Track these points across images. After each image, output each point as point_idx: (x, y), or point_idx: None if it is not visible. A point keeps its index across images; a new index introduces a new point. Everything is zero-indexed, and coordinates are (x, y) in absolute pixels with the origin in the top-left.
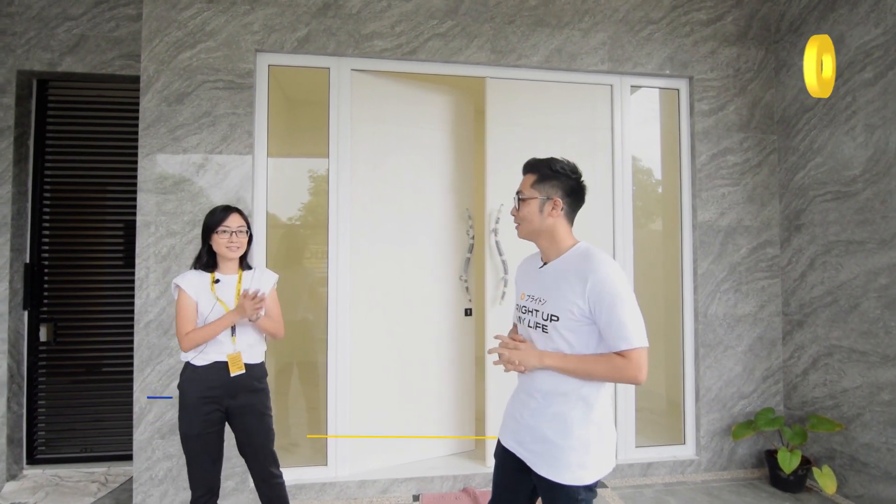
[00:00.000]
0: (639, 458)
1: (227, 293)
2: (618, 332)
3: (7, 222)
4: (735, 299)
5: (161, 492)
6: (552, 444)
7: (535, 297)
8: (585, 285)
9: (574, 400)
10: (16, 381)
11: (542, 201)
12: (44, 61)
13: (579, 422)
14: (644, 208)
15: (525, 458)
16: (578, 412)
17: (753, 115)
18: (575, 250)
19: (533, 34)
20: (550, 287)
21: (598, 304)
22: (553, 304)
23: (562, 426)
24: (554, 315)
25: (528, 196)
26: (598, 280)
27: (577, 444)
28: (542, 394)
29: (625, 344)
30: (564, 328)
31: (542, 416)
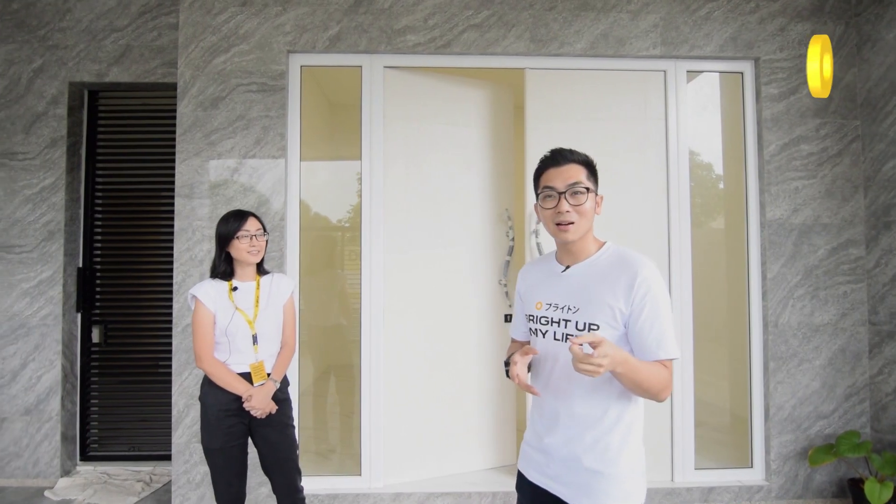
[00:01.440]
0: (699, 481)
1: (246, 301)
2: (660, 339)
3: (61, 228)
4: (812, 307)
5: (198, 495)
6: (595, 474)
7: (559, 306)
8: (632, 285)
9: (614, 422)
10: (69, 380)
11: (594, 197)
12: (93, 72)
13: (620, 446)
14: (704, 206)
15: (561, 493)
16: (618, 436)
17: (832, 99)
18: (607, 250)
19: (576, 20)
20: (582, 292)
21: (641, 305)
22: (589, 310)
23: (603, 453)
24: (593, 324)
25: (591, 188)
26: (645, 279)
27: (623, 472)
28: (575, 419)
29: (665, 352)
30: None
31: (578, 444)
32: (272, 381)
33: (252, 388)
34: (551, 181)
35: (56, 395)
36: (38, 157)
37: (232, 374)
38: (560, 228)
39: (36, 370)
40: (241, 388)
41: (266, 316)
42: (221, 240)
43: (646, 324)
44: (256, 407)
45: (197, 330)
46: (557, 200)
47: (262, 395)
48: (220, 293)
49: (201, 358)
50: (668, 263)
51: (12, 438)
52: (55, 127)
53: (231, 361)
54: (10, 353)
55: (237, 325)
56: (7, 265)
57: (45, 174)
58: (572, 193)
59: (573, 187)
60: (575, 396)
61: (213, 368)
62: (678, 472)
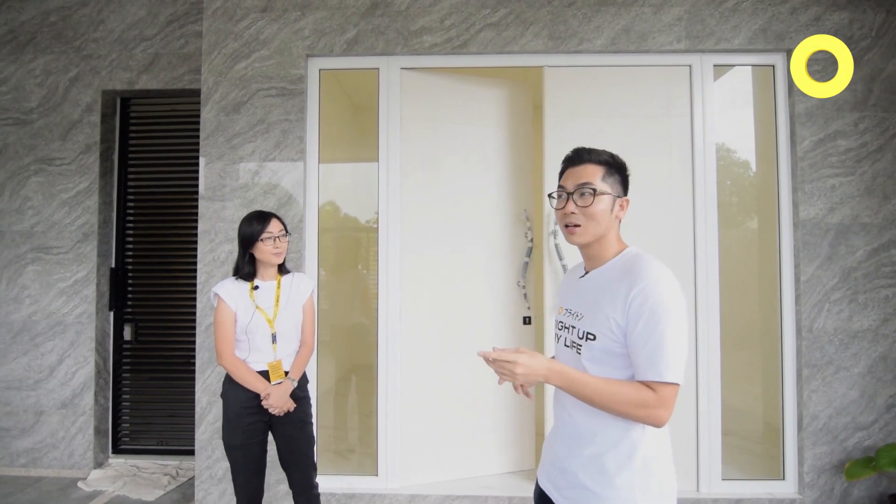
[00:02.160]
0: (726, 492)
1: (267, 300)
2: (652, 356)
3: (94, 230)
4: (850, 311)
5: (220, 490)
6: (589, 492)
7: (572, 312)
8: (628, 293)
9: (613, 441)
10: (102, 376)
11: (613, 199)
12: (124, 80)
13: (619, 467)
14: (733, 206)
15: (559, 501)
16: (616, 456)
17: (872, 91)
18: (623, 256)
19: (596, 15)
20: (589, 300)
21: (637, 317)
22: (590, 319)
23: (598, 472)
24: (590, 333)
25: (602, 191)
26: (643, 288)
27: (620, 496)
28: (575, 431)
29: (653, 374)
30: (601, 348)
31: (577, 457)
32: (290, 379)
33: (270, 387)
34: (565, 181)
35: (90, 390)
36: (74, 163)
37: (251, 372)
38: (567, 230)
39: (71, 366)
40: (259, 385)
41: (285, 315)
42: (245, 241)
43: (639, 339)
44: (274, 405)
45: (218, 328)
46: (566, 201)
47: (279, 393)
48: (242, 292)
49: (222, 355)
50: (694, 266)
51: (49, 431)
52: (89, 133)
53: (250, 359)
54: (48, 350)
55: (257, 323)
56: (45, 265)
57: (80, 179)
58: (580, 195)
59: (581, 188)
60: (577, 408)
61: (232, 366)
62: (704, 482)
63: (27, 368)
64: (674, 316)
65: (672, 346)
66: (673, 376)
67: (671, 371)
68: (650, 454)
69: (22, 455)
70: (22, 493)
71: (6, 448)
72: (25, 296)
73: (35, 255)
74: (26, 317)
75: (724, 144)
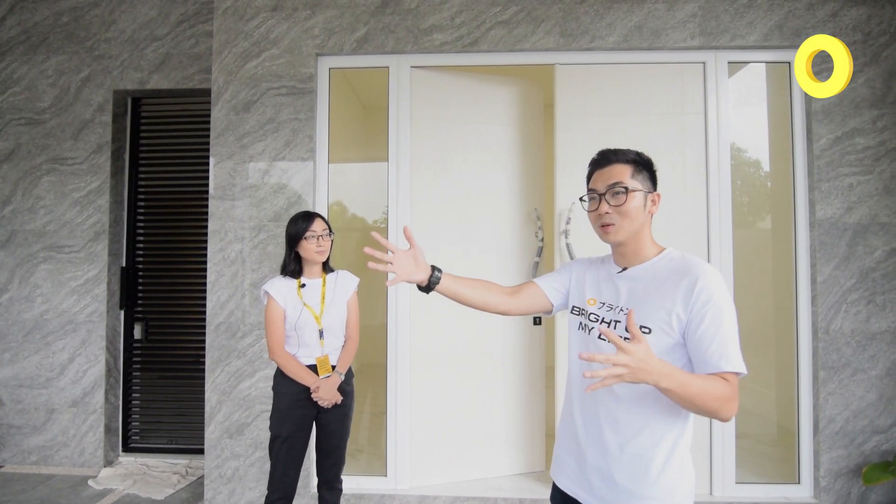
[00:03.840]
0: (740, 496)
1: (313, 297)
2: (722, 349)
3: (105, 230)
4: (868, 312)
5: (229, 490)
6: (630, 493)
7: (613, 306)
8: (692, 290)
9: (657, 437)
10: (113, 374)
11: (645, 195)
12: (135, 80)
13: (662, 465)
14: (749, 205)
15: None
16: (661, 453)
17: (891, 88)
18: (668, 255)
19: (608, 12)
20: (639, 295)
21: (702, 312)
22: (642, 313)
23: (642, 471)
24: (645, 326)
25: (634, 188)
26: (707, 285)
27: (661, 495)
28: (615, 428)
29: (728, 364)
30: (656, 342)
31: (616, 457)
32: (337, 373)
33: (319, 380)
34: (595, 183)
35: (100, 388)
36: (86, 162)
37: (301, 366)
38: (603, 230)
39: (82, 364)
40: (309, 379)
41: (331, 312)
42: (291, 240)
43: (707, 333)
44: (323, 397)
45: (269, 324)
46: (599, 202)
47: (328, 386)
48: (290, 290)
49: (273, 350)
50: None
51: (60, 428)
52: (101, 133)
53: (300, 354)
54: (60, 348)
55: (305, 320)
56: (57, 264)
57: (91, 178)
58: (613, 194)
59: (613, 188)
60: (618, 402)
61: (283, 360)
62: (717, 486)
63: (39, 367)
64: (732, 311)
65: (735, 339)
66: (741, 365)
67: (738, 361)
68: (684, 451)
69: (33, 452)
70: (33, 490)
71: (18, 445)
72: (37, 294)
73: (47, 253)
74: (38, 315)
75: (735, 144)
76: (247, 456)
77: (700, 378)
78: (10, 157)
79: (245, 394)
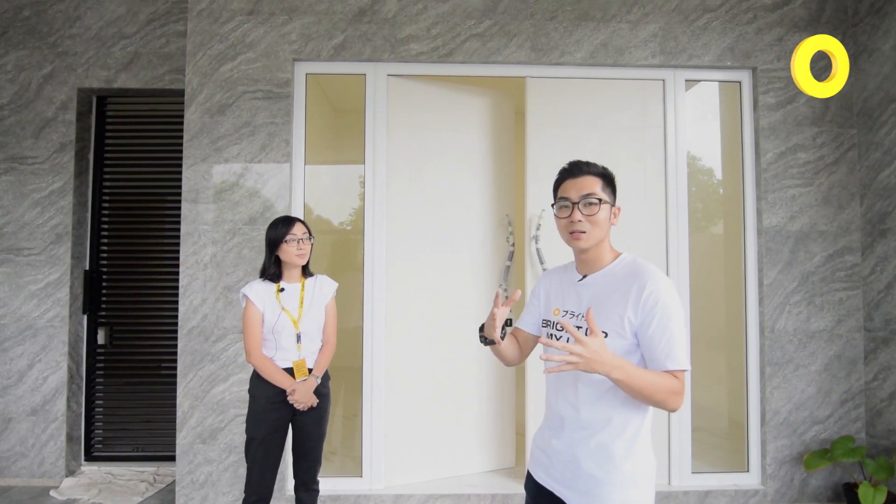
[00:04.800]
0: (695, 485)
1: (292, 301)
2: (669, 349)
3: (68, 231)
4: (808, 313)
5: (202, 495)
6: (595, 480)
7: (575, 313)
8: (641, 294)
9: (619, 428)
10: (75, 381)
11: (610, 207)
12: (101, 79)
13: (624, 454)
14: (704, 212)
15: (563, 495)
16: (623, 442)
17: (829, 108)
18: (622, 260)
19: (576, 29)
20: (596, 301)
21: (650, 314)
22: (599, 318)
23: (606, 460)
24: (602, 331)
25: (604, 200)
26: (655, 290)
27: (624, 480)
28: (580, 423)
29: (673, 363)
30: (613, 345)
31: (582, 447)
32: (314, 376)
33: (295, 383)
34: (567, 192)
35: (62, 395)
36: (47, 162)
37: (278, 370)
38: (573, 237)
39: (42, 371)
40: (286, 382)
41: (309, 316)
42: (271, 244)
43: (655, 334)
44: (299, 400)
45: (247, 327)
46: (571, 210)
47: (304, 389)
48: (269, 293)
49: (250, 353)
50: (667, 269)
51: (18, 438)
52: (64, 132)
53: (277, 357)
54: (18, 354)
55: (283, 324)
56: (15, 267)
57: (53, 178)
58: (585, 204)
59: (586, 198)
60: (581, 401)
61: (260, 363)
62: (675, 476)
63: None
64: (679, 312)
65: (681, 338)
66: (687, 363)
67: (683, 359)
68: (646, 440)
69: None
70: None
71: None
72: None
73: (4, 256)
74: None
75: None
76: (220, 461)
77: (650, 372)
78: None
79: (219, 398)
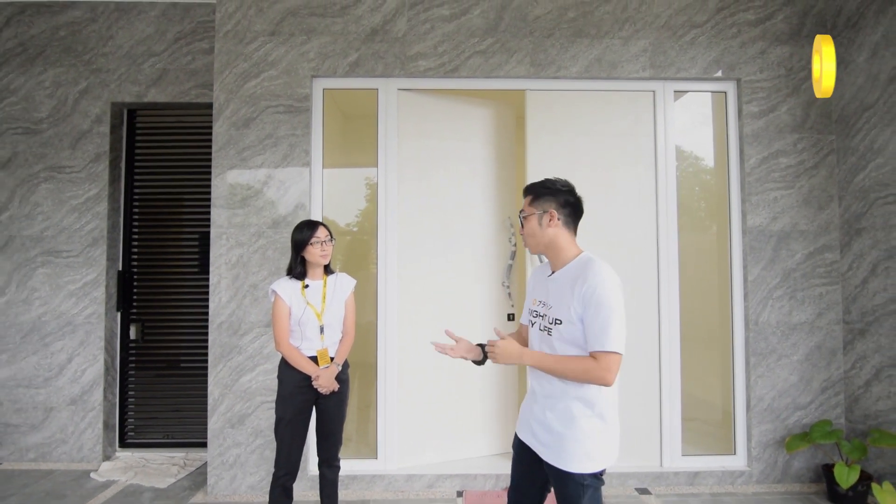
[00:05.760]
0: (685, 466)
1: (315, 297)
2: (595, 334)
3: (103, 235)
4: (790, 307)
5: (231, 475)
6: (559, 435)
7: (544, 303)
8: (582, 288)
9: (577, 395)
10: (110, 373)
11: (540, 215)
12: (132, 93)
13: (584, 415)
14: (695, 214)
15: (537, 449)
16: (582, 406)
17: (809, 115)
18: (578, 259)
19: (572, 45)
20: (556, 294)
21: (586, 305)
22: (557, 309)
23: (569, 420)
24: (558, 319)
25: (528, 213)
26: (591, 284)
27: (582, 436)
28: (546, 392)
29: (598, 346)
30: (566, 330)
31: (551, 410)
32: (335, 364)
33: (319, 370)
34: None
35: (99, 386)
36: (84, 171)
37: (303, 357)
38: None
39: (81, 364)
40: (310, 369)
41: (331, 310)
42: (297, 245)
43: (589, 321)
44: (323, 385)
45: (276, 320)
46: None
47: (327, 375)
48: (295, 290)
49: (279, 343)
50: (658, 267)
51: (59, 426)
52: (99, 143)
53: (302, 347)
54: (58, 349)
55: (308, 317)
56: (56, 268)
57: (89, 186)
58: (519, 221)
59: (519, 216)
60: (542, 377)
61: (288, 352)
62: (666, 458)
63: (37, 367)
64: (611, 303)
65: (610, 325)
66: (612, 346)
67: (610, 343)
68: (604, 407)
69: (31, 450)
70: (36, 484)
71: (15, 443)
72: (35, 297)
73: (45, 258)
74: (36, 318)
75: (685, 160)
76: (248, 444)
77: (562, 358)
78: (6, 165)
79: (246, 387)
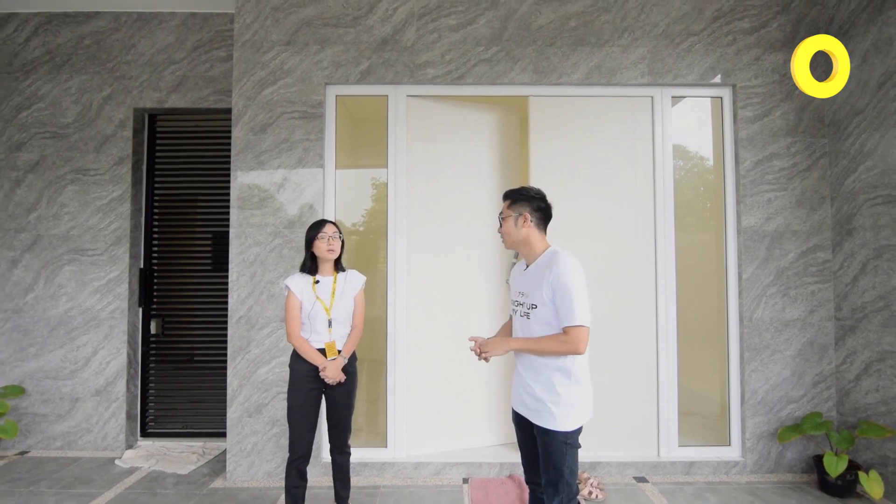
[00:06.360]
0: (681, 456)
1: (325, 292)
2: (565, 313)
3: (126, 234)
4: (783, 304)
5: (249, 462)
6: (542, 401)
7: (522, 293)
8: (550, 276)
9: (553, 368)
10: (133, 366)
11: (516, 217)
12: (154, 99)
13: (562, 383)
14: (694, 215)
15: (527, 414)
16: (561, 376)
17: (802, 120)
18: (546, 253)
19: (573, 53)
20: (530, 284)
21: (555, 290)
22: (532, 296)
23: (550, 387)
24: (534, 304)
25: (506, 215)
26: (557, 273)
27: (563, 401)
28: (531, 368)
29: (568, 321)
30: (541, 313)
31: (535, 381)
32: (342, 357)
33: (326, 361)
34: None
35: (122, 378)
36: (108, 173)
37: (312, 349)
38: None
39: (105, 357)
40: (318, 360)
41: (340, 305)
42: (307, 242)
43: (558, 302)
44: (330, 376)
45: (288, 313)
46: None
47: (333, 367)
48: (306, 285)
49: (290, 335)
50: (655, 265)
51: (84, 416)
52: (122, 147)
53: (311, 339)
54: (84, 343)
55: (317, 310)
56: (81, 266)
57: (113, 188)
58: (499, 221)
59: (498, 217)
60: (528, 355)
61: (298, 343)
62: (663, 449)
63: (63, 360)
64: (575, 286)
65: (576, 304)
66: (579, 321)
67: (577, 318)
68: (579, 374)
69: (57, 438)
70: (65, 469)
71: (42, 432)
72: (62, 294)
73: (71, 256)
74: (62, 313)
75: (683, 162)
76: (264, 432)
77: (539, 340)
78: (35, 168)
79: (263, 378)
